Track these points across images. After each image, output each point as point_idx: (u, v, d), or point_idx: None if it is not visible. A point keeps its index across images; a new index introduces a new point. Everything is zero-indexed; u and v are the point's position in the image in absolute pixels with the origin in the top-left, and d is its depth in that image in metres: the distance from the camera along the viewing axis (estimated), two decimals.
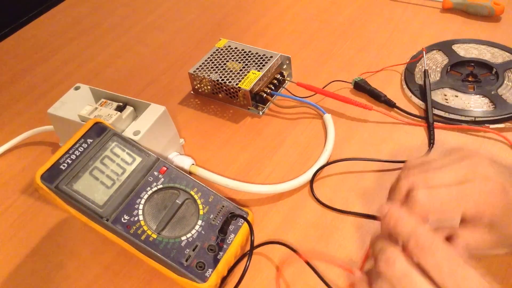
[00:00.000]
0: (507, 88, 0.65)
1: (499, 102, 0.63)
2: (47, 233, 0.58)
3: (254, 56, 0.70)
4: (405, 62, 0.71)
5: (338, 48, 0.77)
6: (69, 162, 0.50)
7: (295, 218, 0.55)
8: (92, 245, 0.56)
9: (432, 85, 0.66)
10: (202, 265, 0.48)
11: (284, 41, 0.81)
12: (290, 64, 0.71)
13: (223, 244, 0.50)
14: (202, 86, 0.71)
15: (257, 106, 0.69)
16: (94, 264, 0.54)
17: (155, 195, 0.51)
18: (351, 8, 0.85)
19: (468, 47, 0.72)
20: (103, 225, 0.48)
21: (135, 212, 0.49)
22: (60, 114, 0.60)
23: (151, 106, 0.59)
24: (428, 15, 0.81)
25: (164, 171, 0.53)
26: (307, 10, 0.87)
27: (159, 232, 0.49)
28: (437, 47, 0.73)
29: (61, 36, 0.91)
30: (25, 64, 0.85)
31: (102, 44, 0.87)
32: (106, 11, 0.96)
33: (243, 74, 0.67)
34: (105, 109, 0.59)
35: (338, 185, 0.58)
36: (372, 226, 0.53)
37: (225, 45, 0.73)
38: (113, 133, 0.53)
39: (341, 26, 0.82)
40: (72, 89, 0.63)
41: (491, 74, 0.68)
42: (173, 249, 0.48)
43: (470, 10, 0.78)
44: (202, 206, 0.51)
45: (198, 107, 0.71)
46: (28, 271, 0.55)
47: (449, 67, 0.69)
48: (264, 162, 0.62)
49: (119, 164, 0.51)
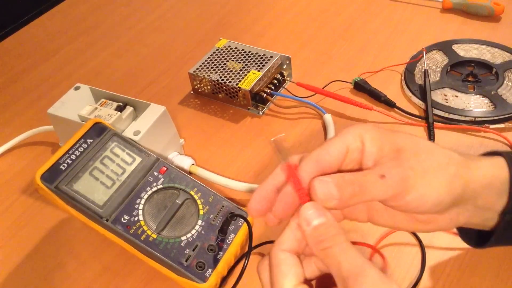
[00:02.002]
0: (507, 88, 0.65)
1: (499, 102, 0.63)
2: (47, 233, 0.58)
3: (254, 56, 0.70)
4: (405, 62, 0.71)
5: (338, 48, 0.77)
6: (69, 162, 0.50)
7: None
8: (92, 245, 0.56)
9: (432, 85, 0.66)
10: (202, 265, 0.48)
11: (284, 41, 0.81)
12: (290, 64, 0.71)
13: (223, 244, 0.50)
14: (202, 86, 0.71)
15: (257, 106, 0.69)
16: (94, 264, 0.54)
17: (155, 195, 0.51)
18: (351, 8, 0.85)
19: (468, 47, 0.72)
20: (103, 225, 0.48)
21: (135, 212, 0.49)
22: (60, 114, 0.60)
23: (151, 106, 0.59)
24: (428, 15, 0.81)
25: (164, 171, 0.53)
26: (307, 10, 0.87)
27: (159, 232, 0.49)
28: (437, 47, 0.73)
29: (61, 36, 0.91)
30: (25, 64, 0.85)
31: (102, 44, 0.87)
32: (106, 11, 0.96)
33: (243, 74, 0.67)
34: (105, 109, 0.59)
35: None
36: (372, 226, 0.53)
37: (225, 45, 0.73)
38: (113, 133, 0.53)
39: (341, 26, 0.82)
40: (72, 89, 0.63)
41: (491, 74, 0.68)
42: (173, 249, 0.48)
43: (470, 10, 0.78)
44: (202, 206, 0.51)
45: (198, 107, 0.71)
46: (28, 271, 0.55)
47: (449, 67, 0.69)
48: (264, 162, 0.62)
49: (119, 164, 0.51)
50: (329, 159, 0.35)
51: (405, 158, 0.35)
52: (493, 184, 0.37)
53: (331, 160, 0.35)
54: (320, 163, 0.35)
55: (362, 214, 0.39)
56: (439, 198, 0.35)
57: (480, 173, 0.37)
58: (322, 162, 0.35)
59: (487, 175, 0.37)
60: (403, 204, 0.35)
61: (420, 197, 0.34)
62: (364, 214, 0.39)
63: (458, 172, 0.36)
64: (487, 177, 0.37)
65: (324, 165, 0.35)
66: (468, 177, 0.36)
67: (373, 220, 0.39)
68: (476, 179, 0.36)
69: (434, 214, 0.36)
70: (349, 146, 0.35)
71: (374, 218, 0.39)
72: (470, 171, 0.36)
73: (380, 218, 0.39)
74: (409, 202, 0.35)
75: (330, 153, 0.35)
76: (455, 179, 0.35)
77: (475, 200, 0.37)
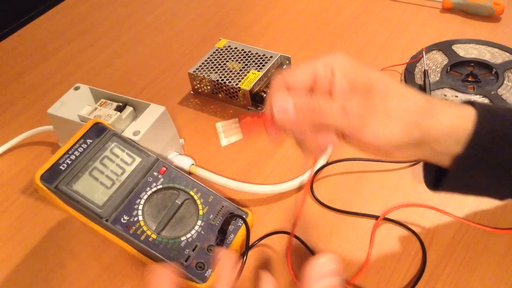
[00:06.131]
0: (507, 88, 0.65)
1: (499, 102, 0.63)
2: (47, 233, 0.58)
3: (254, 56, 0.70)
4: (405, 62, 0.71)
5: (338, 48, 0.77)
6: (68, 163, 0.50)
7: (295, 218, 0.55)
8: (92, 245, 0.56)
9: (432, 85, 0.66)
10: (202, 265, 0.48)
11: (284, 41, 0.81)
12: (290, 64, 0.71)
13: (222, 244, 0.50)
14: (202, 86, 0.71)
15: (257, 106, 0.69)
16: (94, 264, 0.54)
17: (155, 196, 0.51)
18: (351, 8, 0.85)
19: (468, 47, 0.72)
20: (102, 225, 0.48)
21: (135, 212, 0.49)
22: (60, 114, 0.60)
23: (151, 106, 0.59)
24: (428, 15, 0.81)
25: (163, 171, 0.53)
26: (307, 10, 0.87)
27: (159, 232, 0.49)
28: (437, 47, 0.73)
29: (61, 36, 0.91)
30: (25, 64, 0.85)
31: (102, 44, 0.87)
32: (106, 11, 0.96)
33: (243, 74, 0.67)
34: (104, 109, 0.59)
35: (338, 185, 0.58)
36: (372, 226, 0.53)
37: (225, 45, 0.73)
38: (112, 133, 0.53)
39: (341, 26, 0.82)
40: (72, 89, 0.63)
41: (491, 74, 0.68)
42: (172, 249, 0.48)
43: (470, 10, 0.78)
44: (201, 206, 0.51)
45: (198, 107, 0.71)
46: (28, 271, 0.55)
47: (449, 67, 0.69)
48: (264, 162, 0.62)
49: (118, 165, 0.51)
50: (296, 81, 0.38)
51: (371, 97, 0.37)
52: (454, 133, 0.38)
53: (297, 83, 0.38)
54: (287, 84, 0.38)
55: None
56: (391, 139, 0.37)
57: (442, 122, 0.38)
58: (289, 83, 0.38)
59: (448, 125, 0.38)
60: (357, 141, 0.38)
61: (373, 135, 0.37)
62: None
63: (417, 119, 0.37)
64: (448, 127, 0.38)
65: (291, 86, 0.38)
66: (428, 125, 0.38)
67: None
68: (436, 126, 0.38)
69: (389, 149, 0.39)
70: (318, 73, 0.38)
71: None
72: (432, 119, 0.38)
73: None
74: (363, 138, 0.37)
75: (296, 75, 0.38)
76: (412, 125, 0.37)
77: (432, 144, 0.39)
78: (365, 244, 0.51)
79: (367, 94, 0.37)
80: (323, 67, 0.38)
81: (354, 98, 0.37)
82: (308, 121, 0.37)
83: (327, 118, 0.37)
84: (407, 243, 0.51)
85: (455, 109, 0.39)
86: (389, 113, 0.37)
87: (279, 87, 0.38)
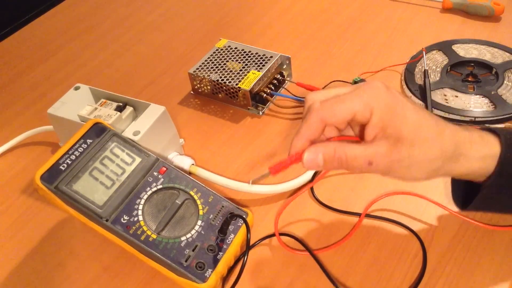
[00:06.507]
0: (507, 88, 0.65)
1: (499, 102, 0.63)
2: (47, 233, 0.58)
3: (254, 56, 0.70)
4: (405, 62, 0.71)
5: (338, 48, 0.77)
6: (68, 163, 0.50)
7: (295, 218, 0.55)
8: (92, 245, 0.56)
9: (432, 85, 0.66)
10: (202, 265, 0.48)
11: (284, 41, 0.81)
12: (290, 64, 0.71)
13: (222, 244, 0.50)
14: (202, 86, 0.71)
15: (257, 106, 0.69)
16: (94, 264, 0.54)
17: (155, 196, 0.51)
18: (351, 8, 0.85)
19: (468, 47, 0.72)
20: (102, 225, 0.48)
21: (135, 212, 0.49)
22: (60, 114, 0.60)
23: (151, 106, 0.59)
24: (428, 15, 0.81)
25: (163, 171, 0.53)
26: (307, 10, 0.87)
27: (159, 232, 0.49)
28: (437, 47, 0.73)
29: (61, 36, 0.91)
30: (25, 64, 0.85)
31: (102, 44, 0.87)
32: (106, 11, 0.96)
33: (243, 74, 0.67)
34: (104, 109, 0.59)
35: (338, 185, 0.58)
36: (372, 226, 0.53)
37: (225, 45, 0.73)
38: (112, 133, 0.53)
39: (341, 26, 0.81)
40: (72, 89, 0.63)
41: (491, 74, 0.68)
42: (172, 249, 0.48)
43: (470, 10, 0.78)
44: (201, 206, 0.51)
45: (198, 107, 0.71)
46: (28, 271, 0.55)
47: (449, 67, 0.69)
48: (264, 162, 0.62)
49: (118, 165, 0.51)
50: (333, 121, 0.40)
51: (400, 146, 0.39)
52: (476, 172, 0.42)
53: (335, 122, 0.40)
54: (323, 122, 0.40)
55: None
56: (415, 180, 0.42)
57: (468, 166, 0.42)
58: (327, 121, 0.40)
59: (472, 169, 0.42)
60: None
61: (398, 177, 0.41)
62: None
63: (442, 165, 0.41)
64: (472, 170, 0.42)
65: (328, 123, 0.40)
66: (452, 169, 0.42)
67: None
68: (461, 170, 0.42)
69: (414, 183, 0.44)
70: (357, 113, 0.39)
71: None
72: (457, 164, 0.41)
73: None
74: (388, 177, 0.41)
75: (336, 116, 0.39)
76: (436, 172, 0.41)
77: (458, 176, 0.44)
78: (365, 242, 0.51)
79: (396, 142, 0.39)
80: (363, 108, 0.39)
81: (380, 149, 0.39)
82: (335, 167, 0.41)
83: (354, 170, 0.40)
84: (407, 243, 0.51)
85: (481, 150, 0.42)
86: (414, 162, 0.40)
87: (313, 126, 0.40)
